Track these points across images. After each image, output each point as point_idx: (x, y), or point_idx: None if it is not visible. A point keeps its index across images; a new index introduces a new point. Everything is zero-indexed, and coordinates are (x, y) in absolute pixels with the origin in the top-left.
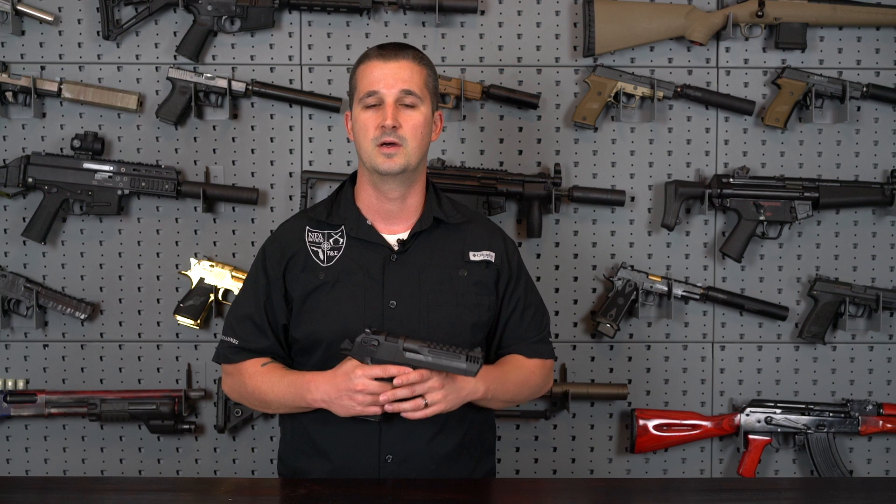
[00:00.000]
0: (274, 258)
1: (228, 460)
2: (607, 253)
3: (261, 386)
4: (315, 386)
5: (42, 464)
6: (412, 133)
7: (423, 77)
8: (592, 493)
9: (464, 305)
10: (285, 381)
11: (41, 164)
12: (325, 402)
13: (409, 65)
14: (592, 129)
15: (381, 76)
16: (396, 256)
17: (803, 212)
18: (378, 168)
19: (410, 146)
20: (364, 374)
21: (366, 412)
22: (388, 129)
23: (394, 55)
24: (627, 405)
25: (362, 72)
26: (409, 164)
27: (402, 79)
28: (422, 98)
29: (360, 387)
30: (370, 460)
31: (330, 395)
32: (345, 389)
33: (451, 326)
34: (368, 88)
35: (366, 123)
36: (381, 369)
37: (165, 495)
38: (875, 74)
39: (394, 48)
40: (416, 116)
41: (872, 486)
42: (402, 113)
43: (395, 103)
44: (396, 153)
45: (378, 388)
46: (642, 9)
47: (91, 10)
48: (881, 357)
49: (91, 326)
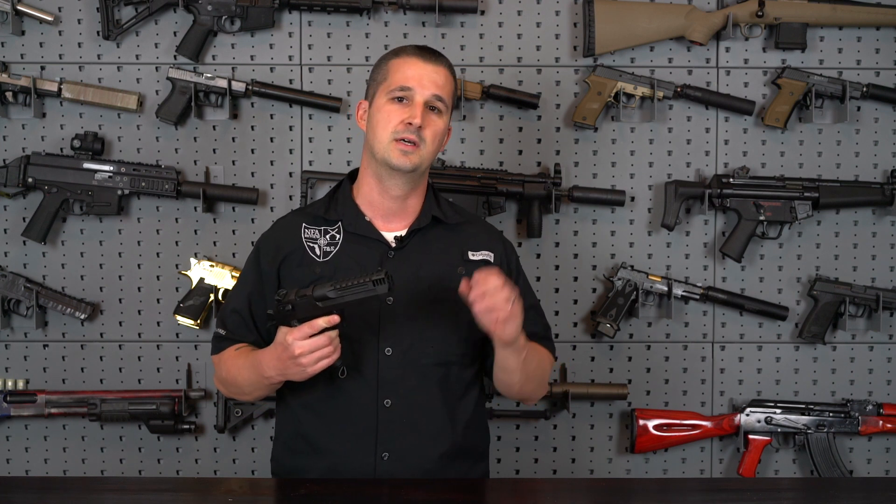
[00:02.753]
0: (269, 254)
1: (228, 460)
2: (607, 253)
3: (231, 370)
4: (266, 363)
5: (42, 464)
6: (432, 137)
7: (452, 88)
8: (592, 493)
9: (461, 303)
10: (248, 363)
11: (41, 164)
12: (281, 376)
13: (444, 72)
14: (592, 129)
15: (417, 74)
16: (394, 253)
17: (803, 212)
18: (391, 162)
19: (428, 149)
20: (296, 338)
21: (317, 369)
22: (414, 128)
23: (433, 59)
24: (627, 405)
25: (397, 65)
26: (420, 166)
27: (437, 83)
28: (447, 107)
29: (298, 351)
30: (366, 458)
31: (279, 368)
32: (287, 358)
33: (449, 324)
34: (402, 83)
35: (390, 115)
36: (308, 326)
37: (165, 495)
38: (875, 74)
39: (433, 52)
40: (439, 123)
41: (872, 486)
42: (428, 116)
43: (424, 104)
44: (413, 152)
45: (316, 344)
46: (642, 9)
47: (91, 10)
48: (881, 357)
49: (91, 326)
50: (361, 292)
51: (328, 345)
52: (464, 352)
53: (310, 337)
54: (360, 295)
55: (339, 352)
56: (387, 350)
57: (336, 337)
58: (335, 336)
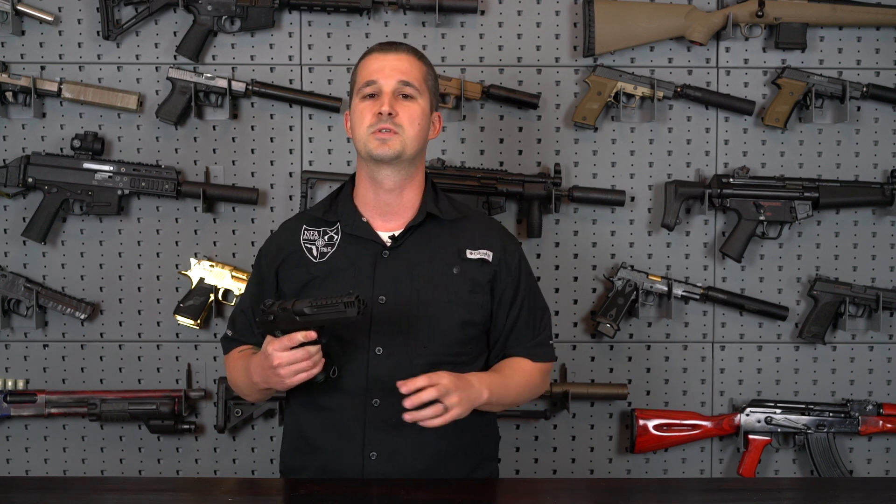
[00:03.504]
0: (269, 256)
1: (228, 460)
2: (607, 253)
3: (231, 372)
4: (253, 369)
5: (42, 464)
6: (409, 122)
7: (422, 72)
8: (592, 493)
9: (455, 303)
10: (242, 368)
11: (41, 164)
12: (265, 383)
13: (407, 58)
14: (592, 129)
15: (379, 67)
16: (388, 252)
17: (803, 212)
18: (372, 153)
19: (408, 134)
20: (274, 350)
21: (295, 381)
22: (385, 117)
23: (393, 48)
24: (627, 405)
25: (362, 65)
26: (404, 151)
27: (401, 70)
28: (420, 91)
29: (276, 361)
30: (354, 457)
31: (262, 375)
32: (268, 367)
33: (442, 323)
34: (367, 79)
35: (363, 112)
36: (287, 339)
37: (165, 495)
38: (875, 74)
39: (394, 42)
40: (414, 107)
41: (872, 486)
42: (399, 103)
43: (392, 93)
44: (391, 138)
45: (294, 357)
46: (642, 9)
47: (91, 10)
48: (881, 357)
49: (91, 326)
50: (333, 313)
51: (306, 359)
52: (458, 351)
53: (290, 349)
54: (333, 315)
55: (319, 367)
56: (377, 349)
57: (316, 352)
58: (315, 351)
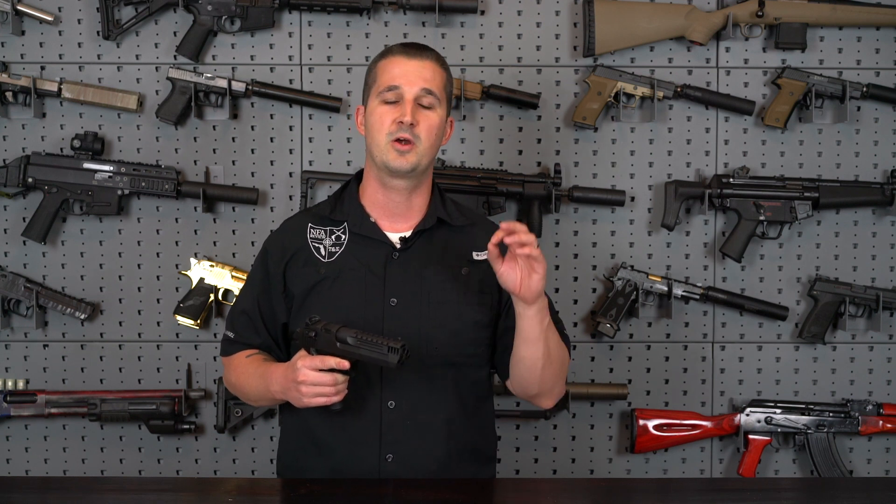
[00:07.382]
0: (275, 255)
1: (228, 460)
2: (607, 253)
3: (240, 378)
4: (274, 377)
5: (42, 464)
6: (427, 133)
7: (443, 80)
8: (592, 493)
9: (466, 304)
10: (258, 373)
11: (41, 164)
12: (282, 394)
13: (431, 65)
14: (592, 129)
15: (403, 72)
16: (398, 254)
17: (803, 212)
18: (389, 165)
19: (424, 146)
20: (304, 366)
21: (313, 403)
22: (406, 126)
23: (418, 53)
24: (627, 405)
25: (384, 66)
26: (419, 164)
27: (425, 78)
28: (440, 100)
29: (301, 377)
30: (370, 459)
31: (283, 385)
32: (291, 380)
33: (454, 325)
34: (389, 83)
35: (382, 117)
36: (319, 360)
37: (165, 495)
38: (875, 74)
39: (418, 47)
40: (433, 117)
41: (872, 486)
42: (419, 112)
43: (414, 101)
44: (409, 151)
45: (320, 379)
46: (642, 9)
47: (91, 10)
48: (881, 357)
49: (91, 326)
50: (375, 352)
51: (331, 385)
52: (471, 353)
53: (319, 370)
54: (373, 355)
55: (340, 396)
56: None
57: (343, 382)
58: (342, 381)
